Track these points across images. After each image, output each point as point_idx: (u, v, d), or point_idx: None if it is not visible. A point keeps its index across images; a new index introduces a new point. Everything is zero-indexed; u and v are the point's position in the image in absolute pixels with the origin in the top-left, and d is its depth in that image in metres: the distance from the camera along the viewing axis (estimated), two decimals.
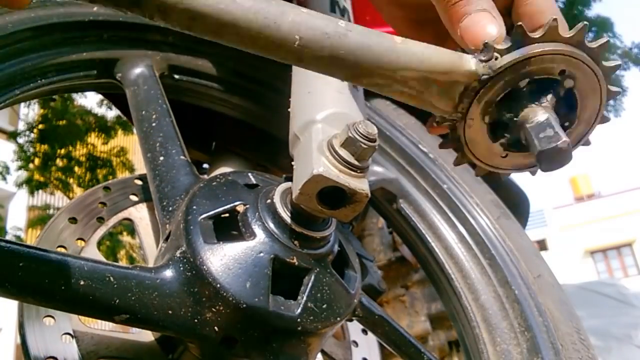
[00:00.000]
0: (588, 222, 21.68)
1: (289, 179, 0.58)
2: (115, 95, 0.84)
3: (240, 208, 0.57)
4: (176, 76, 0.82)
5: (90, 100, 6.71)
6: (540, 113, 0.44)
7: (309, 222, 0.56)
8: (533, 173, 0.53)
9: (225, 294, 0.51)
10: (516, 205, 0.95)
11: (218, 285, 0.51)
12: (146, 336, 0.61)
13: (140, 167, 1.07)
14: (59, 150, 5.95)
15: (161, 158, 0.65)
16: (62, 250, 0.63)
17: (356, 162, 0.51)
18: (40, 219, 6.11)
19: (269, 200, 0.57)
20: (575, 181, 25.01)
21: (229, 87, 0.88)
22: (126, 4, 0.34)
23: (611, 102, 6.77)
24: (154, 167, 0.65)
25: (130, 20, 0.76)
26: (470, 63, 0.45)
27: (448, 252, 0.84)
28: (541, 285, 0.81)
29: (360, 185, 0.51)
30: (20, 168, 6.05)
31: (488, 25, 0.46)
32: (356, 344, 0.82)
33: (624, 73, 6.77)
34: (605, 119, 0.50)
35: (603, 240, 21.52)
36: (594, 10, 6.56)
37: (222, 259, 0.53)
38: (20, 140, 6.14)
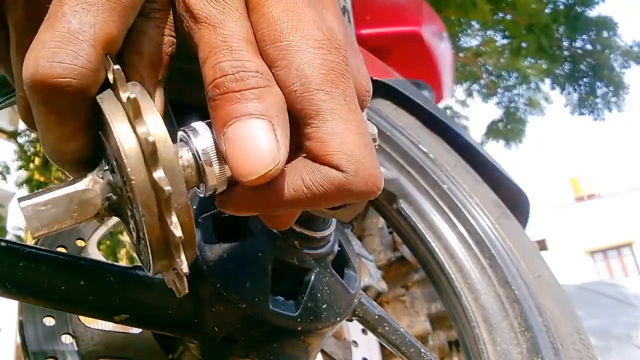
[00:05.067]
0: (588, 222, 21.66)
1: None
2: None
3: None
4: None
5: None
6: None
7: (309, 222, 0.56)
8: None
9: (225, 294, 0.51)
10: (516, 205, 0.94)
11: (218, 285, 0.51)
12: (146, 336, 0.61)
13: None
14: None
15: None
16: (62, 250, 0.63)
17: None
18: None
19: None
20: (575, 181, 24.99)
21: None
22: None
23: (612, 98, 6.73)
24: None
25: None
26: None
27: (448, 252, 0.84)
28: (541, 285, 0.81)
29: None
30: (20, 168, 6.05)
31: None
32: (356, 344, 0.82)
33: (625, 71, 6.75)
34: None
35: (603, 240, 21.49)
36: (595, 11, 6.55)
37: (222, 259, 0.53)
38: (21, 140, 6.14)
